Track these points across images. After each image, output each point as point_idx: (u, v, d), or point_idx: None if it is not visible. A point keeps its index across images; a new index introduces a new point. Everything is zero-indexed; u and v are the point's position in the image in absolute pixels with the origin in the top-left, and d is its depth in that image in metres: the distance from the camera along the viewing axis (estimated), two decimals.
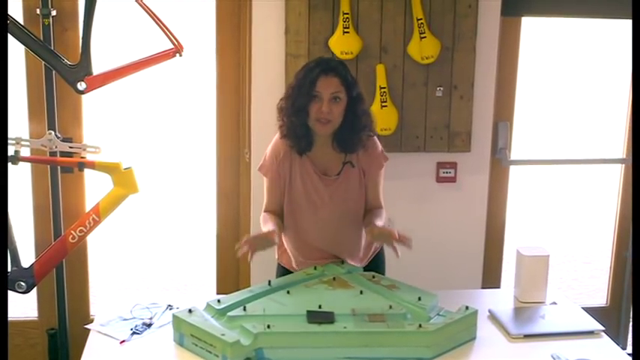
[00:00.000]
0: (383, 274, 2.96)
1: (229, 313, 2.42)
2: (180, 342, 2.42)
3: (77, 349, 2.78)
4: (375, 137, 2.87)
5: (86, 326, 2.60)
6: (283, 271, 2.96)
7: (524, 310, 2.79)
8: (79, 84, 3.13)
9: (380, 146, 2.88)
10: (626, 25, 3.76)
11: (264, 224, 2.77)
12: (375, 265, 2.96)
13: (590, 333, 2.63)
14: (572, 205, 7.18)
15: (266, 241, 2.62)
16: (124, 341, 2.46)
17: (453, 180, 3.73)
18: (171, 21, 3.17)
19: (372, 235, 2.72)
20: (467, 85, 3.56)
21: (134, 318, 2.62)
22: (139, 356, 2.39)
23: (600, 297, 4.37)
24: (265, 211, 2.85)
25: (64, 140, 3.33)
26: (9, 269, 3.20)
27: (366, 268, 2.89)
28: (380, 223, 2.77)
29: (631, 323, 4.19)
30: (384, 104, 3.46)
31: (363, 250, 2.95)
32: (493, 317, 2.71)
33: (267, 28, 3.45)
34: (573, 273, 5.67)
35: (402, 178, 3.64)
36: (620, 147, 4.09)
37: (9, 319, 3.66)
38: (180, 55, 3.19)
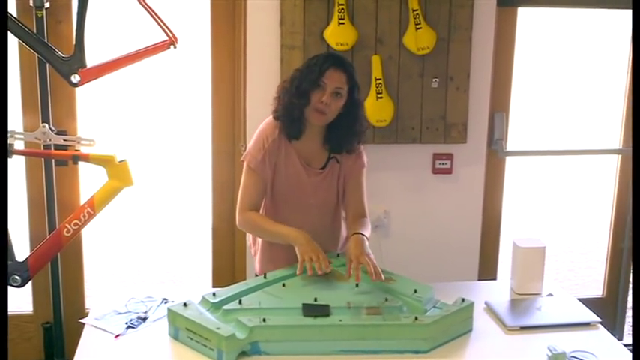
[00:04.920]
0: None
1: (225, 307, 2.42)
2: (175, 336, 2.41)
3: (73, 342, 2.77)
4: None
5: (81, 320, 2.59)
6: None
7: (520, 301, 2.79)
8: (72, 76, 3.11)
9: (362, 148, 2.89)
10: (622, 15, 3.76)
11: (264, 227, 2.75)
12: None
13: (586, 324, 2.63)
14: (568, 196, 7.18)
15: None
16: (119, 335, 2.45)
17: (449, 171, 3.72)
18: (165, 13, 3.15)
19: (353, 255, 2.64)
20: (463, 76, 3.55)
21: (129, 312, 2.61)
22: (134, 350, 2.38)
23: (596, 288, 4.38)
24: (244, 212, 2.78)
25: (59, 133, 3.32)
26: None
27: None
28: (367, 234, 2.77)
29: (629, 317, 4.20)
30: (379, 95, 3.45)
31: (342, 243, 2.96)
32: (489, 309, 2.70)
33: (262, 19, 3.43)
34: (569, 264, 5.67)
35: (398, 169, 3.63)
36: (617, 138, 4.08)
37: None
38: (175, 47, 3.17)
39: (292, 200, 2.81)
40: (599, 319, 2.65)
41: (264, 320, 2.31)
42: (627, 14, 3.57)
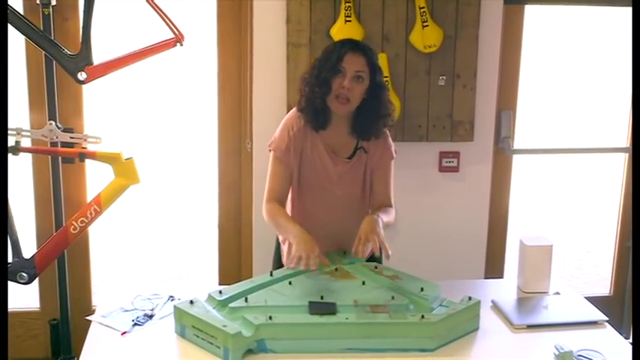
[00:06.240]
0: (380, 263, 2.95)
1: (231, 304, 2.41)
2: (181, 333, 2.41)
3: (79, 339, 2.77)
4: (387, 130, 2.85)
5: (87, 317, 2.59)
6: (279, 265, 2.94)
7: (527, 300, 2.78)
8: (79, 74, 3.11)
9: (390, 139, 2.87)
10: (629, 13, 3.74)
11: (277, 220, 2.69)
12: (373, 256, 2.94)
13: (593, 323, 2.62)
14: (575, 194, 7.16)
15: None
16: (125, 332, 2.46)
17: (455, 169, 3.72)
18: (172, 10, 3.15)
19: (362, 232, 2.63)
20: (470, 74, 3.54)
21: (135, 309, 2.61)
22: (141, 347, 2.38)
23: (604, 286, 4.37)
24: (269, 202, 2.77)
25: (65, 130, 3.32)
26: (10, 260, 3.19)
27: (367, 260, 2.87)
28: (385, 218, 2.74)
29: (631, 315, 4.18)
30: None
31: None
32: (496, 307, 2.70)
33: (268, 17, 3.43)
34: (576, 262, 5.66)
35: (405, 167, 3.62)
36: (624, 136, 4.07)
37: (11, 309, 3.68)
38: (181, 45, 3.18)
39: (317, 189, 2.80)
40: (607, 318, 2.64)
41: (270, 318, 2.30)
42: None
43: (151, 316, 2.56)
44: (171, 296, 2.70)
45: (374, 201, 2.88)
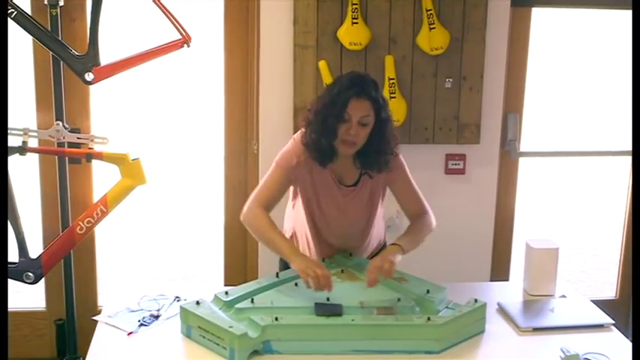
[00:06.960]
0: None
1: (237, 305, 2.42)
2: (187, 334, 2.41)
3: (85, 339, 2.78)
4: None
5: (94, 318, 2.60)
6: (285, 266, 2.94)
7: (533, 303, 2.78)
8: (86, 74, 3.13)
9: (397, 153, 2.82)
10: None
11: (268, 234, 2.67)
12: None
13: (599, 326, 2.62)
14: (581, 197, 7.15)
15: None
16: (131, 333, 2.46)
17: (461, 172, 3.71)
18: (179, 12, 3.16)
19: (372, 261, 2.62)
20: (476, 77, 3.54)
21: (142, 310, 2.61)
22: (147, 348, 2.38)
23: (610, 290, 4.36)
24: (258, 207, 2.71)
25: (72, 131, 3.33)
26: (17, 260, 3.20)
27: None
28: (412, 238, 2.74)
29: (632, 318, 4.17)
30: (392, 95, 3.44)
31: (371, 250, 2.96)
32: (502, 310, 2.69)
33: (275, 18, 3.44)
34: (582, 265, 5.65)
35: (411, 169, 3.58)
36: (630, 139, 4.06)
37: (17, 309, 3.69)
38: (188, 46, 3.19)
39: (325, 216, 2.78)
40: (613, 321, 2.64)
41: (276, 319, 2.31)
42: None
43: (157, 317, 2.56)
44: (177, 297, 2.71)
45: (406, 212, 2.86)
